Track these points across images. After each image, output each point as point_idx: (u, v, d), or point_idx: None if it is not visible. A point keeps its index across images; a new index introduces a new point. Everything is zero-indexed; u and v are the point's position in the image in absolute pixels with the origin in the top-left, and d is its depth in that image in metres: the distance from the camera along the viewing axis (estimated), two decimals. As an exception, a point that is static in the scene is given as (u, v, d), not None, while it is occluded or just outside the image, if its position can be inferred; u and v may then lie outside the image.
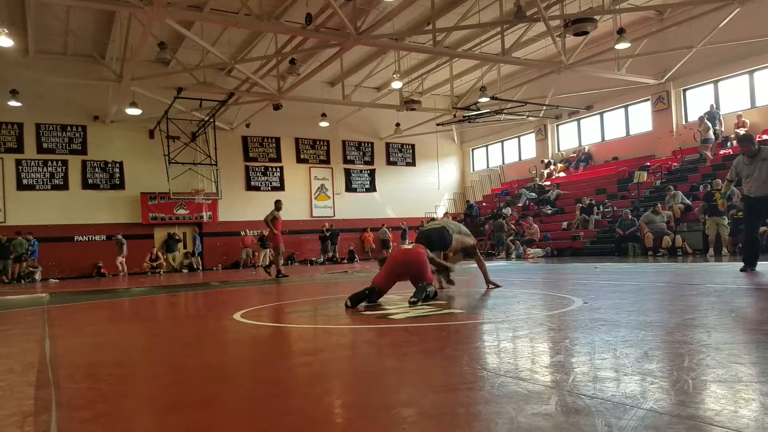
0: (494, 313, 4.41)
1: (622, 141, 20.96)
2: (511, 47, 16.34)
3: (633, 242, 15.01)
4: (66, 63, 18.92)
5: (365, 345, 3.51)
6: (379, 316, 4.50)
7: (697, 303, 4.42)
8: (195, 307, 7.08)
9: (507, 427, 1.66)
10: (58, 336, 4.48)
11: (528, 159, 25.02)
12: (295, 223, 23.51)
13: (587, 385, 2.11)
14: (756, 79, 16.94)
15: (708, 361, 2.37)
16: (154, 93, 18.42)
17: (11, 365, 3.26)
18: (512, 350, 2.98)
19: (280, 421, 1.91)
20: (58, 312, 6.85)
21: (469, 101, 21.93)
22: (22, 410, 2.21)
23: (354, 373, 2.73)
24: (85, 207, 20.04)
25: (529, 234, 18.68)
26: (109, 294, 9.77)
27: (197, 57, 18.19)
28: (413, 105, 19.46)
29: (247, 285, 10.63)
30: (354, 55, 19.27)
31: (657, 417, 1.68)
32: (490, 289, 6.37)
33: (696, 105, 18.38)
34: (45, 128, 19.63)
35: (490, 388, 2.13)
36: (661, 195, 16.34)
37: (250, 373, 2.90)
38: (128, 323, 5.42)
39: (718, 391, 1.93)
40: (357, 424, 1.86)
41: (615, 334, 3.12)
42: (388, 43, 15.34)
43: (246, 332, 4.24)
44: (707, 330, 3.12)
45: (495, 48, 17.49)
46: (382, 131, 25.51)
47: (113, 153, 20.64)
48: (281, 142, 23.74)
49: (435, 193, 27.00)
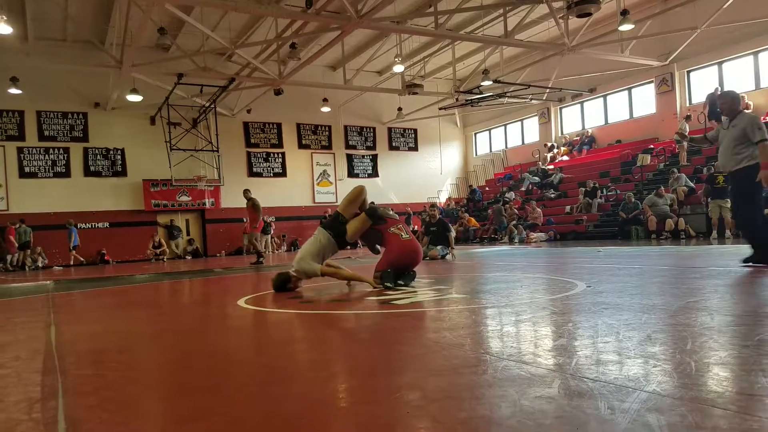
0: (497, 298, 4.42)
1: (626, 124, 20.85)
2: (514, 29, 16.19)
3: (636, 225, 14.99)
4: (66, 49, 18.83)
5: (369, 330, 3.52)
6: (382, 302, 4.51)
7: (700, 286, 4.42)
8: (199, 294, 7.11)
9: (510, 411, 1.67)
10: (64, 323, 4.51)
11: (531, 143, 24.91)
12: (298, 209, 23.56)
13: (590, 368, 2.12)
14: (760, 60, 16.79)
15: (711, 343, 2.38)
16: (154, 79, 18.34)
17: (18, 352, 3.29)
18: (515, 334, 2.99)
19: (284, 405, 1.92)
20: (62, 299, 6.89)
21: (472, 85, 21.79)
22: (29, 397, 2.23)
23: (358, 357, 2.74)
24: (87, 194, 20.07)
25: (532, 218, 18.66)
26: (113, 281, 9.81)
27: (197, 42, 18.08)
28: (415, 89, 19.34)
29: (251, 271, 10.66)
30: (355, 39, 19.13)
31: (660, 399, 1.68)
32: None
33: (700, 87, 18.24)
34: (46, 116, 19.60)
35: (493, 371, 2.14)
36: (664, 178, 16.29)
37: (254, 358, 2.92)
38: (133, 310, 5.45)
39: (720, 374, 1.94)
40: (361, 408, 1.88)
41: (618, 318, 3.13)
42: (390, 26, 15.21)
43: (250, 318, 4.26)
44: (710, 313, 3.13)
45: (498, 30, 17.33)
46: (384, 116, 25.40)
47: (115, 140, 20.62)
48: (283, 127, 23.67)
49: (438, 177, 26.95)
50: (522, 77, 21.01)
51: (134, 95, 18.10)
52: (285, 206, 23.18)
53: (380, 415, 1.77)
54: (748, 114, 6.08)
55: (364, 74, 21.93)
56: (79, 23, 17.82)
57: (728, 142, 5.92)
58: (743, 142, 5.76)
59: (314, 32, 16.34)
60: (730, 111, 6.05)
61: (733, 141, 5.84)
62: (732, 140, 5.86)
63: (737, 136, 5.81)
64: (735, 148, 5.83)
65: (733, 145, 5.86)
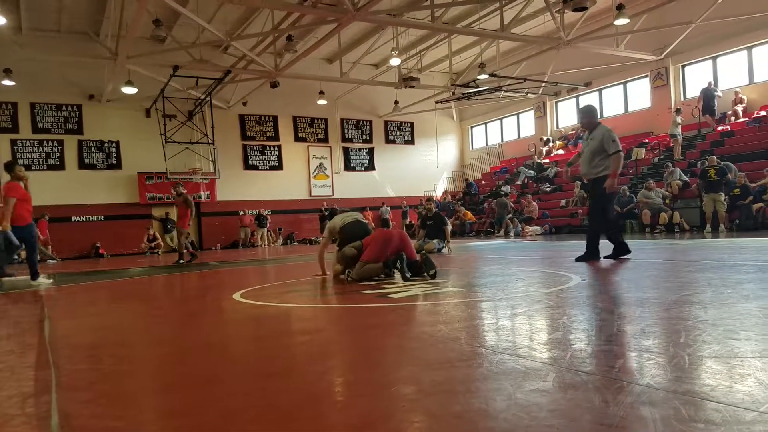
0: (493, 291, 4.43)
1: (621, 118, 20.85)
2: (510, 23, 16.14)
3: (630, 219, 15.04)
4: (60, 41, 18.69)
5: (365, 323, 3.53)
6: (378, 295, 4.52)
7: (693, 279, 4.44)
8: (194, 287, 7.10)
9: (505, 404, 1.68)
10: (58, 317, 4.50)
11: (527, 136, 24.92)
12: (294, 203, 23.52)
13: (584, 361, 2.13)
14: (754, 55, 16.82)
15: (704, 337, 2.39)
16: (149, 71, 18.22)
17: (11, 346, 3.28)
18: (510, 328, 3.00)
19: (279, 398, 1.92)
20: (56, 293, 6.87)
21: (468, 78, 21.75)
22: (22, 391, 2.22)
23: (354, 351, 2.74)
24: (82, 187, 19.98)
25: (528, 212, 18.70)
26: (108, 274, 9.79)
27: (193, 34, 17.96)
28: (412, 82, 19.29)
29: (246, 264, 10.66)
30: (352, 32, 19.06)
31: (653, 393, 1.69)
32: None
33: (695, 81, 18.27)
34: (40, 107, 19.47)
35: (488, 365, 2.14)
36: (659, 172, 16.33)
37: (250, 352, 2.92)
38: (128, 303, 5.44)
39: (713, 367, 1.95)
40: (357, 401, 1.88)
41: (612, 311, 3.14)
42: (386, 19, 15.15)
43: (246, 312, 4.26)
44: (704, 306, 3.14)
45: (494, 24, 17.28)
46: (380, 109, 25.36)
47: (109, 132, 20.51)
48: (279, 120, 23.60)
49: (434, 171, 26.95)
50: (518, 71, 20.99)
51: (129, 87, 17.99)
52: (281, 199, 23.15)
53: (376, 408, 1.77)
54: (604, 127, 6.66)
55: (360, 67, 21.86)
56: (74, 14, 17.68)
57: (588, 153, 6.59)
58: (601, 153, 6.43)
59: (310, 25, 16.25)
60: (588, 124, 6.79)
61: (592, 152, 6.52)
62: (591, 152, 6.54)
63: (595, 147, 6.48)
64: (594, 158, 6.50)
65: (591, 156, 6.52)
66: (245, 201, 22.22)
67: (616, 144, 6.41)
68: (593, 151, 6.51)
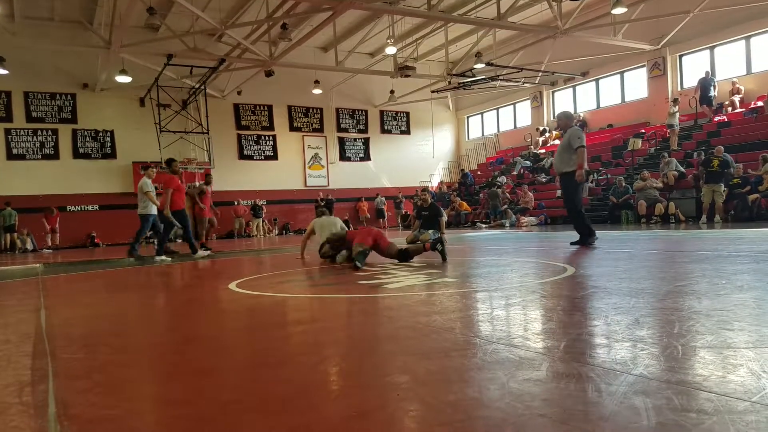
0: (487, 282, 4.44)
1: (618, 108, 20.87)
2: (507, 12, 16.09)
3: (626, 210, 15.07)
4: (53, 29, 18.53)
5: (359, 314, 3.53)
6: (373, 286, 4.53)
7: (688, 270, 4.46)
8: (190, 277, 7.10)
9: (499, 393, 1.69)
10: (54, 306, 4.49)
11: (523, 126, 24.90)
12: (289, 193, 23.48)
13: (578, 351, 2.14)
14: (752, 45, 16.81)
15: (698, 327, 2.40)
16: (143, 60, 18.11)
17: (7, 336, 3.28)
18: (505, 318, 3.01)
19: (275, 388, 1.93)
20: (52, 282, 6.85)
21: (465, 67, 21.68)
22: (19, 380, 2.22)
23: (348, 341, 2.75)
24: (76, 177, 19.90)
25: (524, 202, 18.72)
26: (103, 264, 9.77)
27: (187, 23, 17.84)
28: (408, 71, 19.24)
29: (242, 254, 10.65)
30: (347, 20, 18.95)
31: (646, 382, 1.70)
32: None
33: (692, 71, 18.26)
34: (34, 96, 19.34)
35: (482, 355, 2.15)
36: (655, 162, 16.35)
37: (245, 342, 2.92)
38: (124, 293, 5.44)
39: (707, 357, 1.97)
40: (352, 391, 1.89)
41: (606, 301, 3.16)
42: (382, 6, 15.06)
43: (241, 302, 4.26)
44: (698, 297, 3.16)
45: (490, 12, 17.22)
46: (376, 99, 25.26)
47: (104, 122, 20.40)
48: (274, 109, 23.50)
49: (430, 161, 26.93)
50: (515, 60, 20.93)
51: (123, 76, 17.88)
52: (276, 189, 23.11)
53: (370, 397, 1.78)
54: (574, 127, 7.67)
55: (356, 56, 21.76)
56: (67, 2, 17.52)
57: (560, 150, 7.60)
58: (569, 150, 7.35)
59: (305, 13, 16.15)
60: (565, 126, 7.91)
61: (562, 149, 7.52)
62: (562, 148, 7.53)
63: (565, 145, 7.46)
64: (563, 154, 7.44)
65: (562, 152, 7.50)
66: (240, 191, 22.16)
67: (581, 140, 7.27)
68: (563, 148, 7.47)
